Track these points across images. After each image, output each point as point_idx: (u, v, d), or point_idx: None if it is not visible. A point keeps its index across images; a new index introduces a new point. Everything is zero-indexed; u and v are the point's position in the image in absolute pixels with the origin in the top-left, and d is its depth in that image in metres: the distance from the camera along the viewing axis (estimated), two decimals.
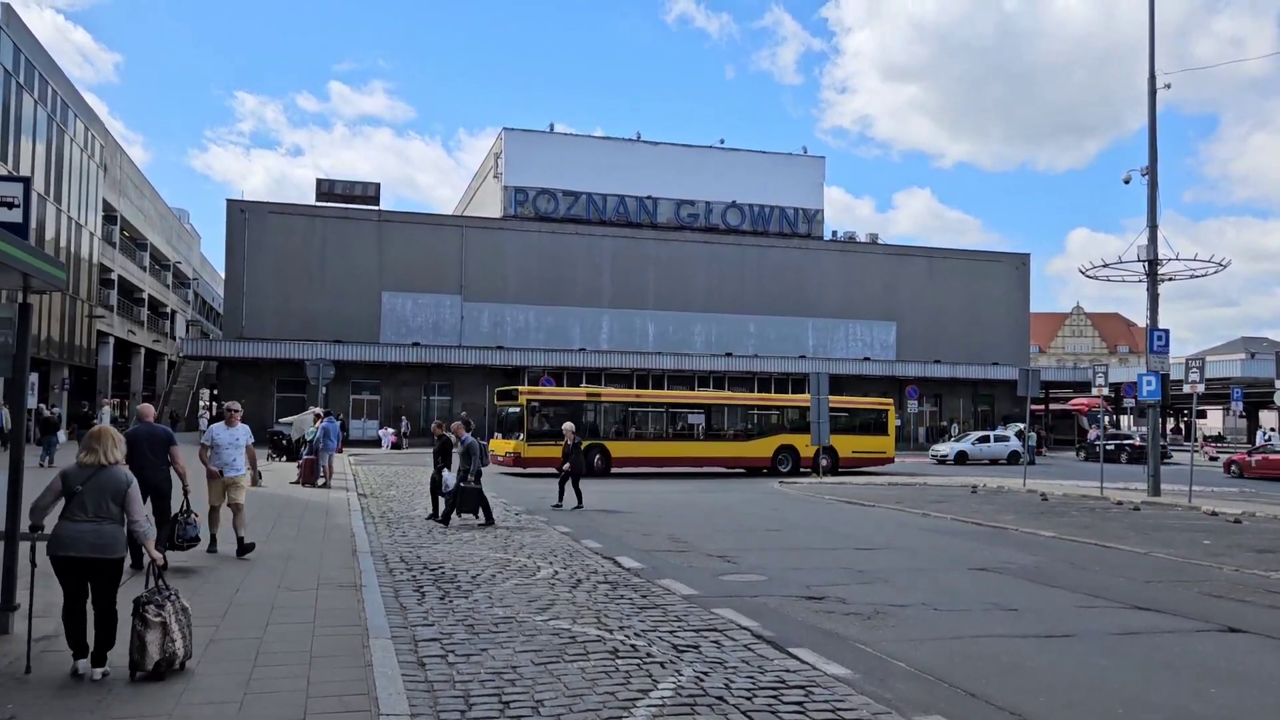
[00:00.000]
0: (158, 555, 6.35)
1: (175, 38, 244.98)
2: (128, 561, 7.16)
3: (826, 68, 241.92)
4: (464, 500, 14.77)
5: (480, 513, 14.85)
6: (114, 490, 6.06)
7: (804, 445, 30.04)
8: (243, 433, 11.19)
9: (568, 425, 19.54)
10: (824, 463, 29.77)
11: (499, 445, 28.36)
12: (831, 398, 33.53)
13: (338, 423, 22.59)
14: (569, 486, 17.98)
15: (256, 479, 15.54)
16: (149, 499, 8.82)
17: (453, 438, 16.01)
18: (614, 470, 27.99)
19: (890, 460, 33.15)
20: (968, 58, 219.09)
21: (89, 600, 6.00)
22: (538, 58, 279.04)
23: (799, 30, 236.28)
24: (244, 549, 10.76)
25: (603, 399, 29.84)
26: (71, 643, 6.03)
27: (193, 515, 9.54)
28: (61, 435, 27.68)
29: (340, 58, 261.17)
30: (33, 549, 6.22)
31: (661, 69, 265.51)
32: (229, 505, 10.96)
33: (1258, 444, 39.48)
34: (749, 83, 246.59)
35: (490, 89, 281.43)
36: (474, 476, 14.88)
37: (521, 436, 27.08)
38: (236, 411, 11.38)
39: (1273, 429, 49.59)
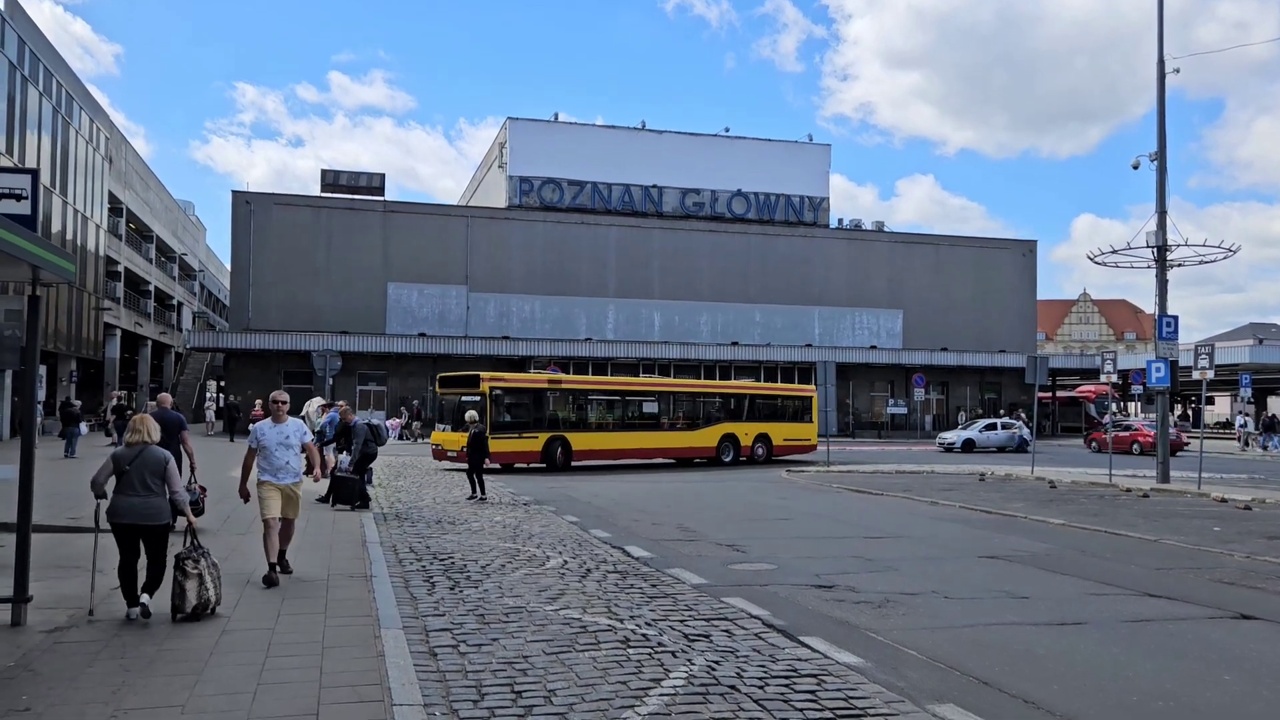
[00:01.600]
0: (194, 519, 7.81)
1: (174, 29, 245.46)
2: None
3: (827, 55, 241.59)
4: (338, 490, 14.91)
5: (354, 503, 14.81)
6: (154, 467, 7.32)
7: (744, 434, 29.46)
8: (294, 429, 9.21)
9: (470, 414, 19.54)
10: (760, 451, 29.65)
11: (447, 439, 24.69)
12: (760, 385, 33.22)
13: (337, 414, 22.20)
14: (476, 477, 17.85)
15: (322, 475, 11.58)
16: None
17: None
18: (574, 464, 25.85)
19: (814, 448, 31.82)
20: (969, 44, 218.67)
21: (139, 561, 7.36)
22: (536, 47, 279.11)
23: (799, 17, 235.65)
24: (275, 574, 8.87)
25: (563, 386, 27.03)
26: (125, 594, 7.34)
27: (194, 485, 10.17)
28: (83, 428, 27.71)
29: (339, 48, 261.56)
30: (97, 513, 7.47)
31: (660, 58, 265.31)
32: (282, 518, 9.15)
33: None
34: (750, 71, 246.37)
35: (489, 79, 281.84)
36: (352, 464, 15.00)
37: (481, 428, 24.34)
38: (283, 403, 9.29)
39: (1249, 416, 49.31)
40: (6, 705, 5.24)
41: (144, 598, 7.28)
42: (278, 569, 8.95)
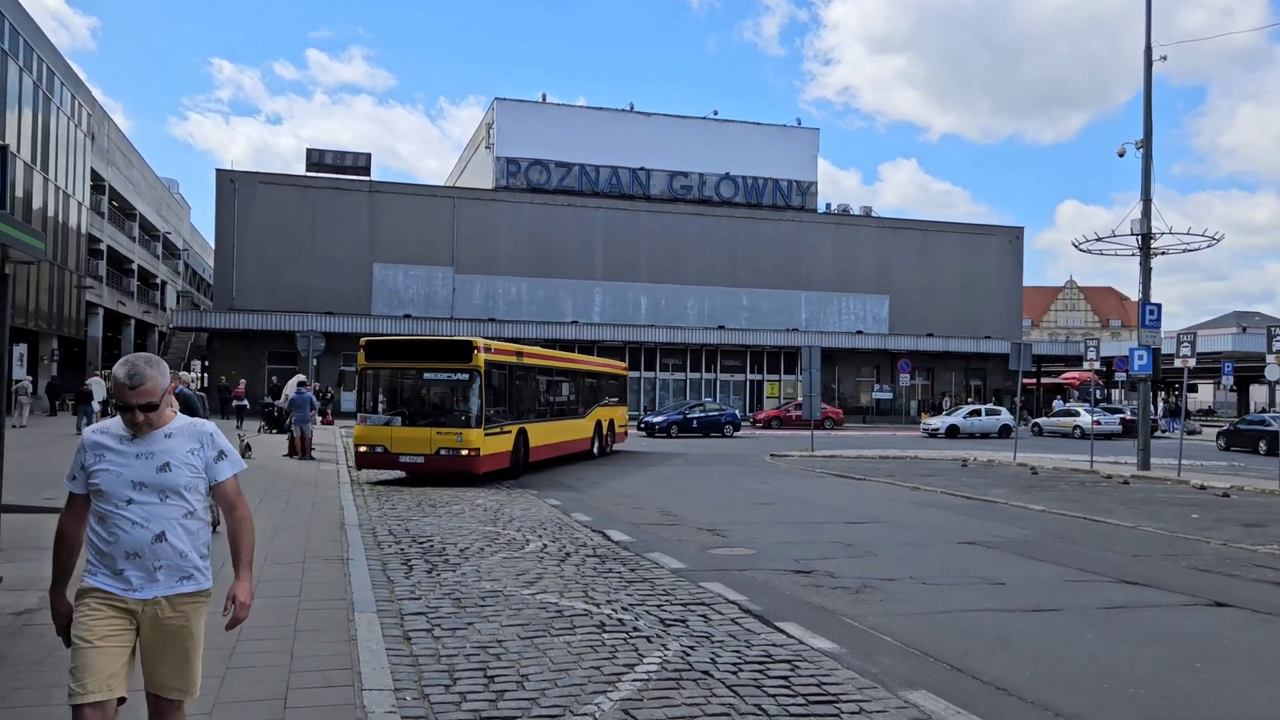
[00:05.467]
0: None
1: (150, 2, 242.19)
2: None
3: (808, 39, 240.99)
4: None
5: None
6: None
7: (604, 420, 25.26)
8: (183, 446, 3.60)
9: (186, 375, 16.00)
10: (609, 441, 25.71)
11: (405, 438, 16.91)
12: (591, 359, 28.50)
13: (308, 392, 21.66)
14: None
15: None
16: None
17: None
18: (531, 460, 19.65)
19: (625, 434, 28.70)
20: (951, 28, 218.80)
21: None
22: (516, 26, 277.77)
23: (782, 0, 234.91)
24: None
25: (525, 360, 20.05)
26: None
27: None
28: (95, 405, 27.70)
29: (316, 24, 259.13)
30: None
31: (641, 40, 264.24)
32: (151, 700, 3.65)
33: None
34: (731, 54, 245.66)
35: (470, 57, 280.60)
36: None
37: (473, 421, 16.86)
38: (135, 388, 3.44)
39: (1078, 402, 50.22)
40: None
41: None
42: None
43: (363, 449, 17.14)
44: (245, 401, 32.26)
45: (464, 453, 16.66)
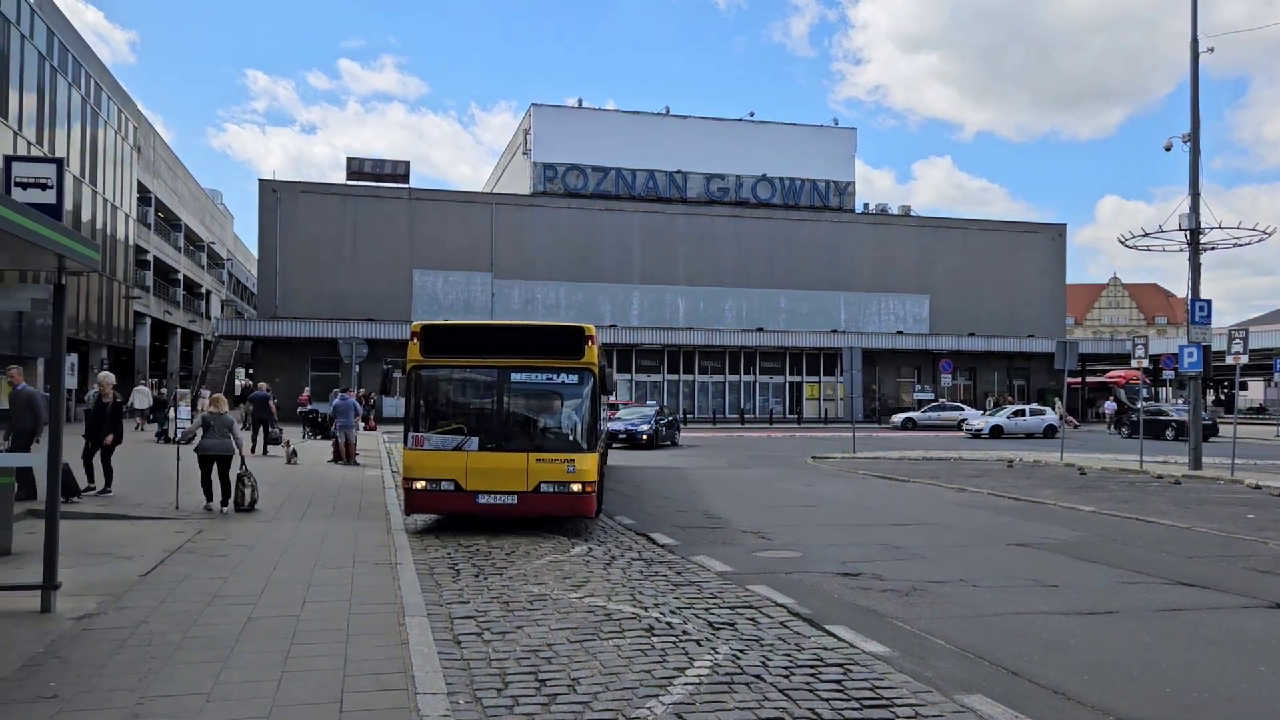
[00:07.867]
0: (245, 454, 13.15)
1: (184, 15, 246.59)
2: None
3: (838, 39, 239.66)
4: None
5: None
6: (227, 424, 12.76)
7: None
8: None
9: (106, 375, 14.08)
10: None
11: (478, 468, 11.48)
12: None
13: (350, 399, 21.84)
14: (99, 461, 13.82)
15: None
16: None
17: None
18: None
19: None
20: (983, 24, 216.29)
21: (215, 476, 12.72)
22: (545, 31, 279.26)
23: (810, 1, 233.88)
24: None
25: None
26: (205, 495, 12.71)
27: (276, 430, 15.24)
28: (171, 411, 28.17)
29: (348, 34, 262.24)
30: (178, 452, 13.12)
31: (668, 42, 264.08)
32: None
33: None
34: (760, 55, 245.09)
35: (499, 64, 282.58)
36: (10, 443, 10.54)
37: (583, 442, 11.82)
38: None
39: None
40: (34, 692, 5.28)
41: (218, 502, 12.62)
42: None
43: (421, 485, 11.56)
44: (311, 408, 32.70)
45: (575, 488, 11.51)
